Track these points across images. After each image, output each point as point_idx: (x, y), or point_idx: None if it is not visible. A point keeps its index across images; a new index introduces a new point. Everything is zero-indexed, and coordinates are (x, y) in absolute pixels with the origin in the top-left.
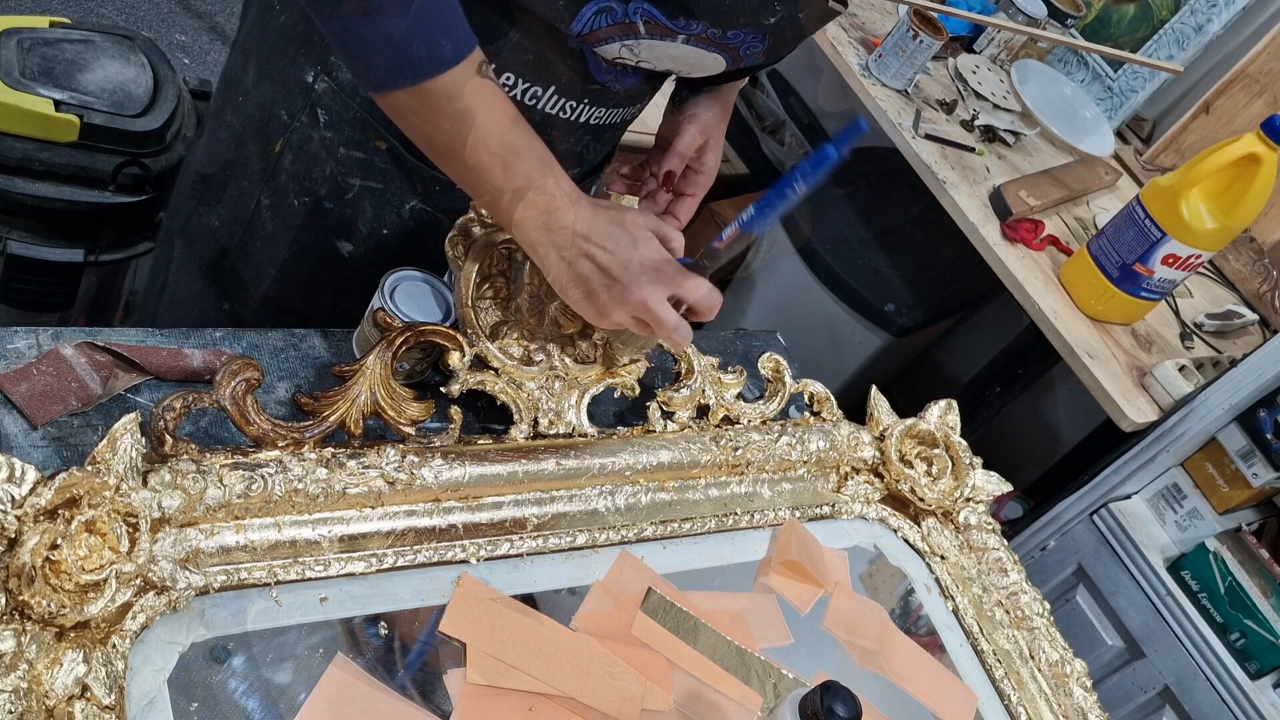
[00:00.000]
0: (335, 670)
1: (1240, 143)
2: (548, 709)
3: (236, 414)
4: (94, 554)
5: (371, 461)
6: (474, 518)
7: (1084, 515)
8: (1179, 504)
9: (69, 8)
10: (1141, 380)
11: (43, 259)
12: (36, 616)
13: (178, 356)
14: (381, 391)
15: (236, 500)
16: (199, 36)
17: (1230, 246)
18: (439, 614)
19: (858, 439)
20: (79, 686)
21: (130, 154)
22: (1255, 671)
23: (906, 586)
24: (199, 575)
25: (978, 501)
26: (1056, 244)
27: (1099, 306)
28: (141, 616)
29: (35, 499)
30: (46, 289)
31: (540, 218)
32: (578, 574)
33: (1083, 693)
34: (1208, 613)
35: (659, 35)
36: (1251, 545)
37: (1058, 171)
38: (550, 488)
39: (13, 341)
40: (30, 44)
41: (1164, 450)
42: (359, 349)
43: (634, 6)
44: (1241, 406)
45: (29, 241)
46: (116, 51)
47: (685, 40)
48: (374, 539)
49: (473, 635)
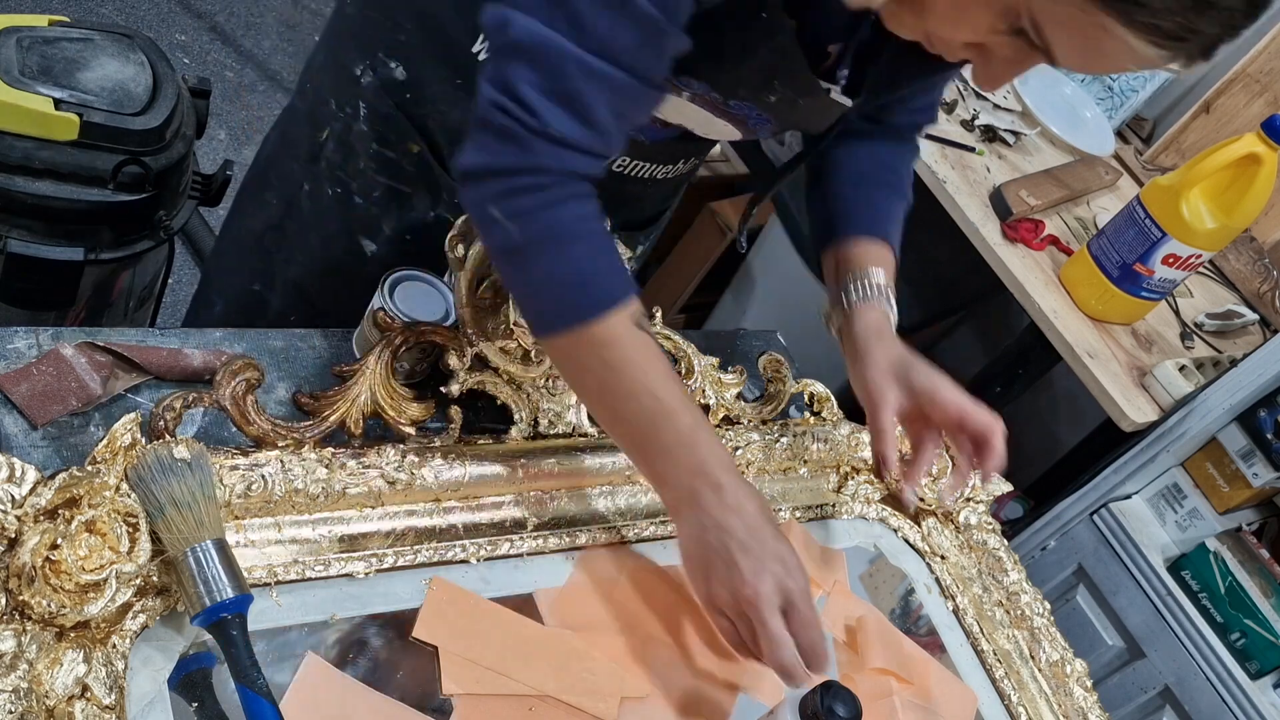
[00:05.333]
0: (307, 669)
1: (1241, 142)
2: (548, 709)
3: (236, 414)
4: (94, 554)
5: (371, 461)
6: (474, 518)
7: (1084, 515)
8: (1179, 504)
9: (68, 6)
10: (1142, 380)
11: (42, 257)
12: (37, 616)
13: (178, 356)
14: (381, 391)
15: (236, 500)
16: (199, 36)
17: (1230, 246)
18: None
19: (858, 439)
20: (79, 686)
21: (130, 153)
22: (1255, 672)
23: (907, 586)
24: None
25: (978, 501)
26: (1057, 244)
27: (1099, 306)
28: (142, 617)
29: (35, 499)
30: (46, 287)
31: (687, 479)
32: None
33: (1083, 693)
34: (1208, 613)
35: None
36: (1252, 545)
37: (1058, 171)
38: (550, 488)
39: (13, 341)
40: (29, 42)
41: (1164, 450)
42: (359, 349)
43: None
44: (1242, 406)
45: (29, 240)
46: (116, 50)
47: (690, 98)
48: (374, 539)
49: (446, 639)
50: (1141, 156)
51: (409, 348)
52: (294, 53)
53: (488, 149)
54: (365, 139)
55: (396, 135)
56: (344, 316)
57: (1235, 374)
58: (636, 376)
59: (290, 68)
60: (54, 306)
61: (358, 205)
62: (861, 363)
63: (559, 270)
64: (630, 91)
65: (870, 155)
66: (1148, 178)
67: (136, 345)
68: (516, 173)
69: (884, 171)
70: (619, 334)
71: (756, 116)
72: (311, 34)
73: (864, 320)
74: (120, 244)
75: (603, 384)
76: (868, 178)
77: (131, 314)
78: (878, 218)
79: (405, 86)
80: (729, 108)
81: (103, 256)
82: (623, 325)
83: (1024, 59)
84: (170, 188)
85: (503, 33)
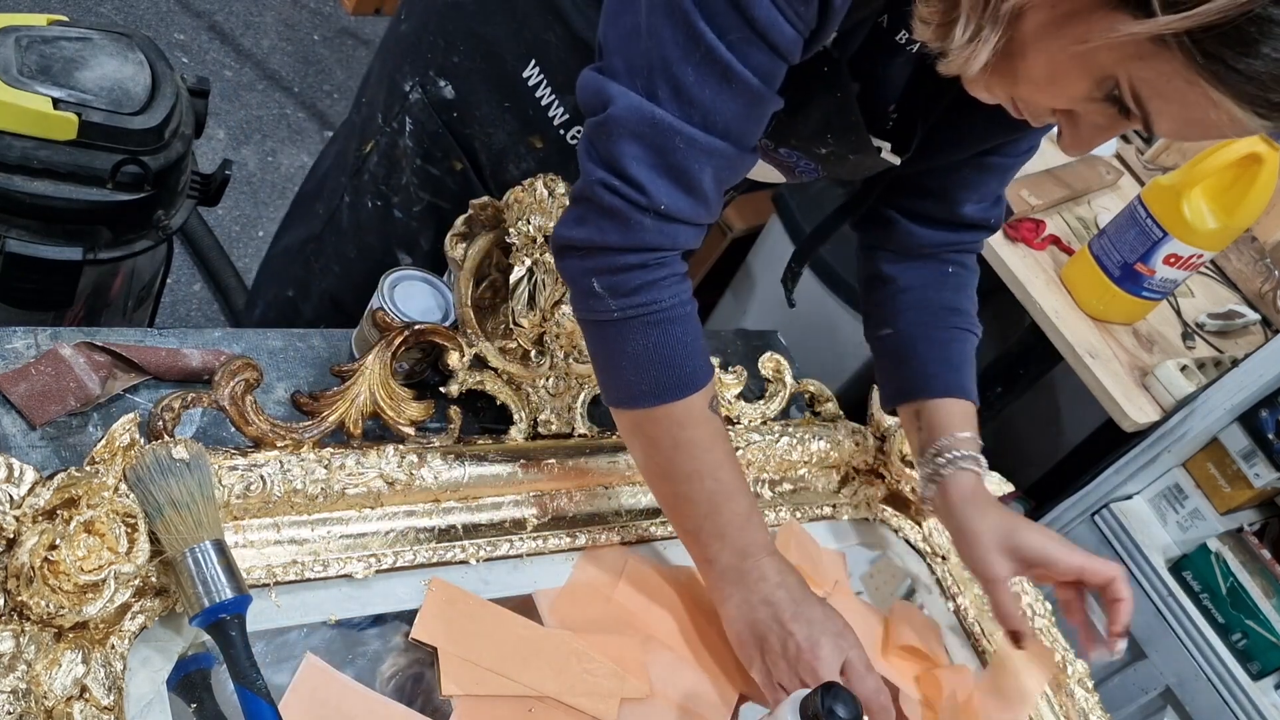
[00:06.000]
0: (306, 670)
1: (1242, 142)
2: (548, 710)
3: (235, 414)
4: (93, 554)
5: (371, 462)
6: (474, 518)
7: (1085, 515)
8: (1180, 504)
9: (67, 6)
10: (1143, 380)
11: (41, 257)
12: (35, 617)
13: (176, 356)
14: (381, 392)
15: (235, 501)
16: (198, 35)
17: (1232, 246)
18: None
19: (858, 439)
20: (78, 687)
21: (129, 152)
22: (1257, 672)
23: (908, 587)
24: None
25: None
26: (1058, 243)
27: (1100, 306)
28: (140, 617)
29: (34, 499)
30: (44, 287)
31: (736, 561)
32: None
33: (1084, 693)
34: (1209, 613)
35: None
36: (1253, 546)
37: (1059, 171)
38: (550, 488)
39: (11, 341)
40: (28, 42)
41: (1165, 450)
42: (358, 349)
43: None
44: (1243, 406)
45: (27, 239)
46: (115, 50)
47: None
48: (373, 539)
49: (445, 640)
50: (1143, 156)
51: (408, 348)
52: (293, 52)
53: (594, 225)
54: (410, 154)
55: (442, 152)
56: None
57: (1236, 374)
58: (704, 458)
59: (289, 67)
60: (52, 306)
61: (398, 220)
62: (965, 539)
63: (653, 350)
64: (732, 160)
65: (938, 285)
66: (1149, 177)
67: (135, 345)
68: (622, 251)
69: (951, 314)
70: (695, 416)
71: (804, 165)
72: (311, 33)
73: (959, 491)
74: (119, 244)
75: (670, 462)
76: (939, 320)
77: (130, 314)
78: (955, 371)
79: (453, 105)
80: (778, 155)
81: (101, 256)
82: (699, 407)
83: (1116, 125)
84: (169, 187)
85: (604, 108)
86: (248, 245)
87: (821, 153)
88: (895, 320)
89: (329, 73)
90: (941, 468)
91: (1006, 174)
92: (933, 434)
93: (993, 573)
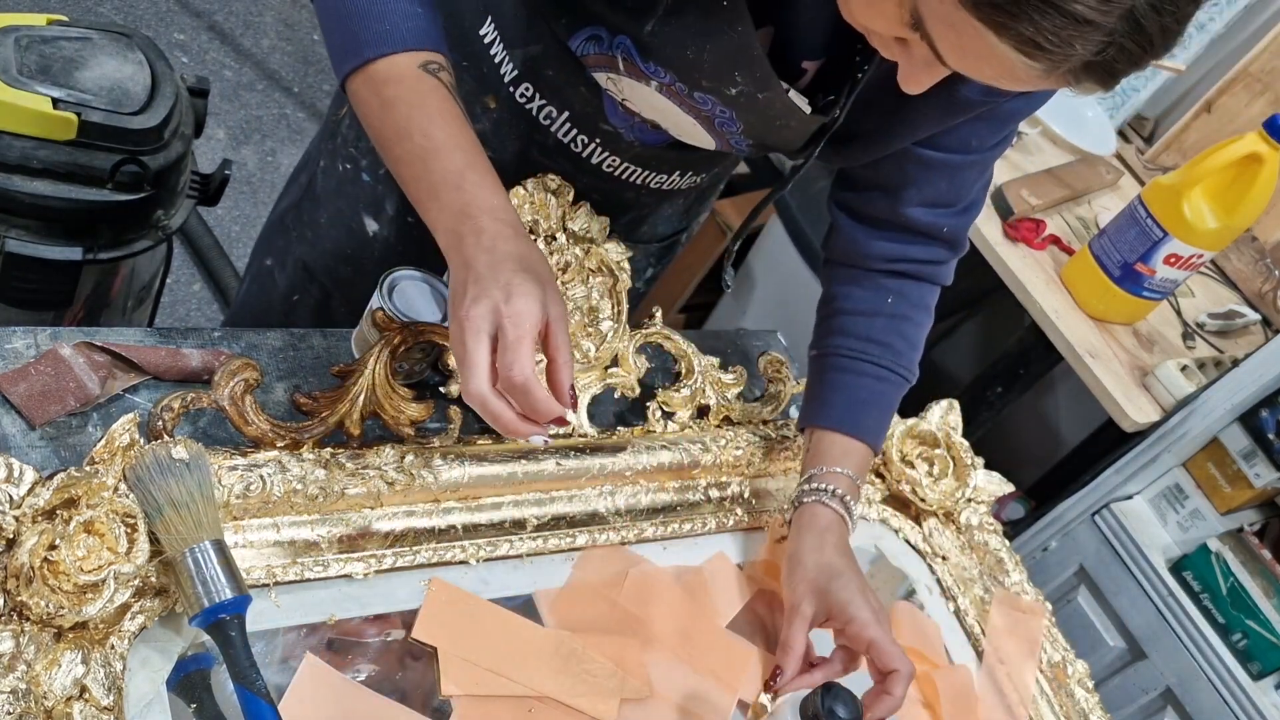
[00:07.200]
0: (306, 670)
1: (1242, 142)
2: (548, 710)
3: (235, 414)
4: (92, 554)
5: (370, 462)
6: (474, 518)
7: (1086, 516)
8: (1181, 504)
9: (67, 6)
10: (1143, 380)
11: (40, 257)
12: (35, 617)
13: (176, 356)
14: (381, 392)
15: (235, 501)
16: (197, 35)
17: (1232, 246)
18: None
19: None
20: (77, 687)
21: (128, 152)
22: (1257, 672)
23: (908, 587)
24: None
25: (979, 502)
26: (1058, 243)
27: (1100, 306)
28: (140, 618)
29: (33, 499)
30: (44, 287)
31: (453, 223)
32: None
33: (1084, 694)
34: (1210, 613)
35: (634, 76)
36: (1254, 546)
37: (1059, 171)
38: (550, 488)
39: (11, 341)
40: (28, 42)
41: (1166, 450)
42: (358, 349)
43: (617, 40)
44: (1243, 406)
45: (27, 239)
46: (114, 49)
47: (658, 88)
48: (373, 539)
49: (445, 640)
50: (1143, 156)
51: (408, 348)
52: (292, 52)
53: None
54: None
55: None
56: (346, 302)
57: (1237, 374)
58: (412, 115)
59: (289, 66)
60: (52, 306)
61: (365, 183)
62: (789, 566)
63: (353, 6)
64: None
65: (872, 313)
66: (1149, 177)
67: (135, 345)
68: None
69: (876, 348)
70: (400, 73)
71: (722, 114)
72: (311, 33)
73: (807, 520)
74: (118, 243)
75: (382, 123)
76: (859, 351)
77: (130, 314)
78: (856, 406)
79: None
80: (694, 100)
81: (101, 256)
82: (406, 65)
83: (936, 64)
84: (168, 187)
85: None
86: (247, 245)
87: (731, 93)
88: (823, 341)
89: (329, 73)
90: (804, 495)
91: (956, 175)
92: (811, 462)
93: (794, 603)
